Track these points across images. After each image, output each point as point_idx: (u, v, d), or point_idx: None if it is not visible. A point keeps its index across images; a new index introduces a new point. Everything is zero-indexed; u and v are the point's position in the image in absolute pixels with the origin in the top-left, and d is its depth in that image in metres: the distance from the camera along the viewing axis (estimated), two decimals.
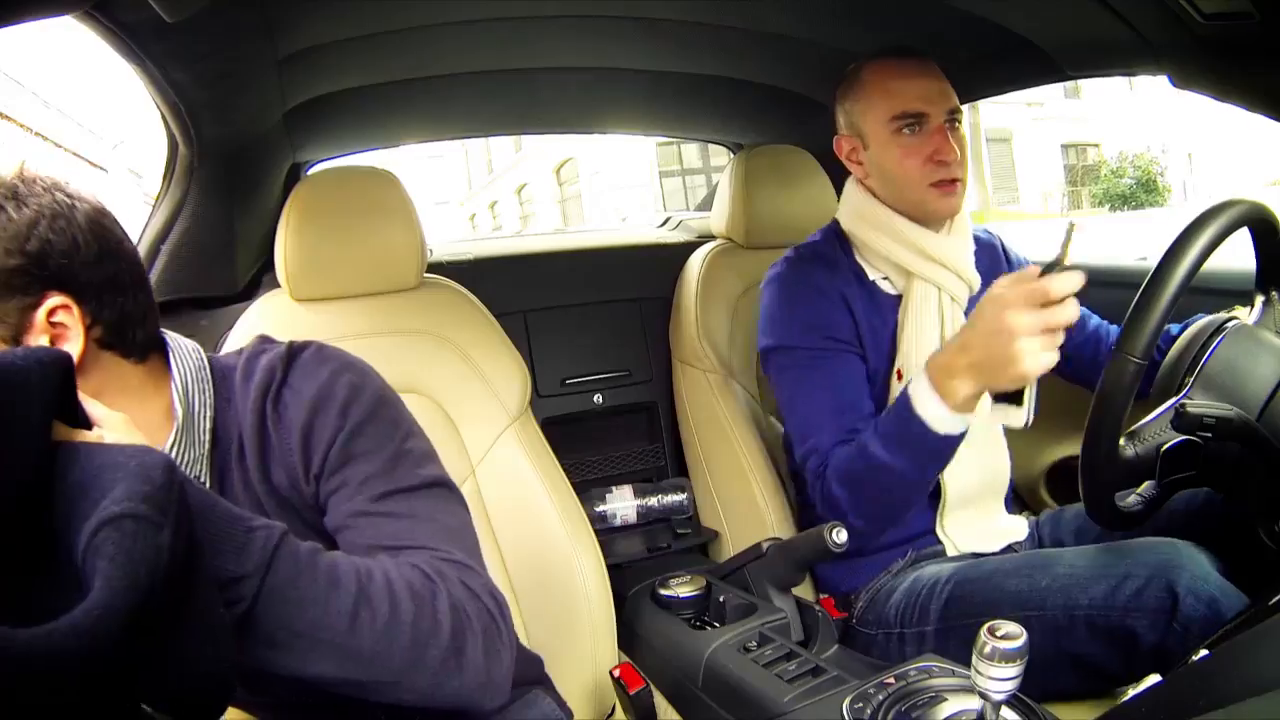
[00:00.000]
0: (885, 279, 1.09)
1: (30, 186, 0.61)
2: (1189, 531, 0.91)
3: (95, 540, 0.35)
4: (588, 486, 1.37)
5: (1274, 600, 0.63)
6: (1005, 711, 0.62)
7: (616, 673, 0.99)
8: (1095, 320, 1.17)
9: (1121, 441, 0.72)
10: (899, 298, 1.07)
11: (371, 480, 0.64)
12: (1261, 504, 0.75)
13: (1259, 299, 0.81)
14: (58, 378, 0.39)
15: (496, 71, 1.27)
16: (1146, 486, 0.77)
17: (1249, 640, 0.51)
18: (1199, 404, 0.71)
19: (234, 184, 1.14)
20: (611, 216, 12.93)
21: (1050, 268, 0.76)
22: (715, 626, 1.04)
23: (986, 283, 1.06)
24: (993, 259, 1.17)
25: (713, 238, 1.46)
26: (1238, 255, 0.84)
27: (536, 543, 1.05)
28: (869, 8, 1.12)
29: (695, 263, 1.39)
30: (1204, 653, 0.59)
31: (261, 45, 0.96)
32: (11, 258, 0.58)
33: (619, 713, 1.04)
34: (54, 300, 0.60)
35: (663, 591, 1.10)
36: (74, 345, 0.61)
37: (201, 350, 0.71)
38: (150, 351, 0.67)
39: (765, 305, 1.10)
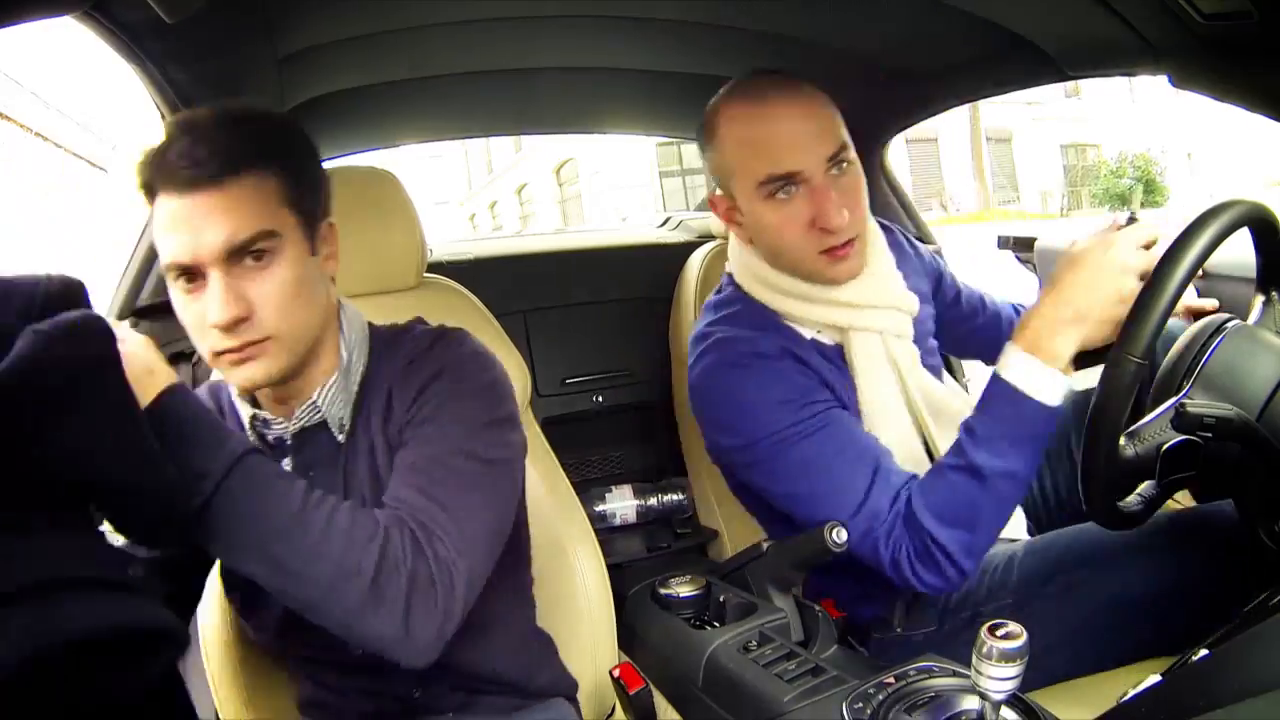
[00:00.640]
0: (819, 333, 0.95)
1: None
2: (1188, 531, 0.91)
3: None
4: (588, 486, 1.37)
5: (1274, 600, 0.63)
6: (1005, 711, 0.62)
7: (616, 673, 0.99)
8: (993, 299, 1.19)
9: (1121, 441, 0.72)
10: (840, 347, 0.95)
11: (445, 437, 0.71)
12: (1261, 504, 0.75)
13: (1259, 299, 0.81)
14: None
15: (496, 71, 1.27)
16: (1146, 486, 0.77)
17: (1249, 640, 0.51)
18: (1199, 404, 0.70)
19: None
20: (611, 216, 12.93)
21: (1130, 222, 0.80)
22: (715, 626, 1.04)
23: (912, 285, 0.99)
24: (900, 254, 1.03)
25: (713, 238, 1.46)
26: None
27: (536, 542, 1.04)
28: (869, 8, 1.12)
29: (695, 263, 1.39)
30: (1204, 653, 0.59)
31: (261, 45, 0.96)
32: (320, 182, 0.75)
33: (619, 713, 1.04)
34: (326, 220, 0.75)
35: (663, 591, 1.10)
36: (335, 258, 0.76)
37: (363, 316, 0.81)
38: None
39: (714, 402, 0.93)
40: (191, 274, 0.65)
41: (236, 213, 0.64)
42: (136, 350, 0.61)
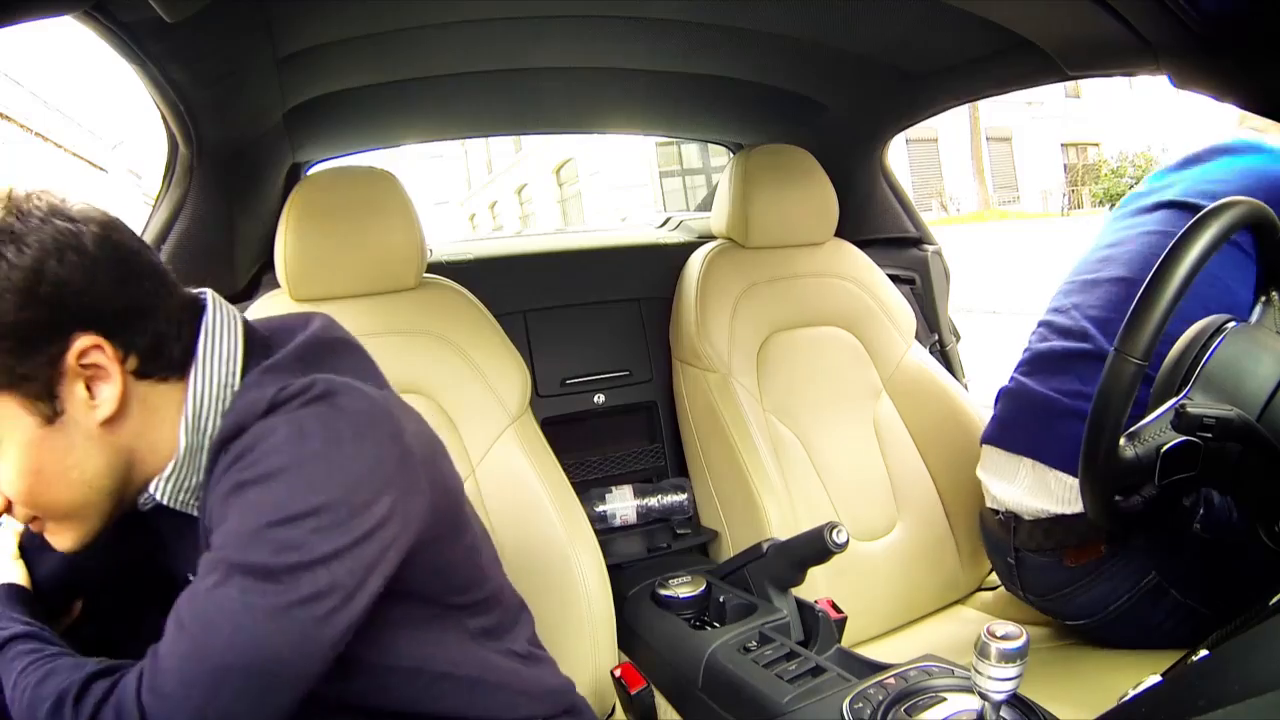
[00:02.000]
0: None
1: (27, 221, 0.54)
2: (1189, 531, 0.91)
3: None
4: (588, 486, 1.37)
5: (1274, 600, 0.63)
6: (1005, 711, 0.62)
7: (618, 672, 1.00)
8: None
9: (1121, 441, 0.72)
10: None
11: (229, 540, 0.55)
12: (1261, 504, 0.75)
13: (1259, 299, 0.81)
14: None
15: (496, 71, 1.27)
16: (1146, 486, 0.77)
17: (1249, 640, 0.51)
18: (1199, 404, 0.71)
19: (234, 184, 1.14)
20: (611, 216, 12.92)
21: None
22: (715, 626, 1.04)
23: None
24: None
25: (713, 238, 1.46)
26: None
27: (536, 543, 1.05)
28: (869, 8, 1.12)
29: (695, 263, 1.39)
30: (1204, 653, 0.59)
31: (261, 45, 0.96)
32: (25, 310, 0.53)
33: (619, 713, 1.04)
34: (82, 341, 0.56)
35: (663, 591, 1.10)
36: (113, 386, 0.57)
37: (238, 358, 0.63)
38: (188, 363, 0.62)
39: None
40: None
41: None
42: None
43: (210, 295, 0.66)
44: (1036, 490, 1.07)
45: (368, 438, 0.58)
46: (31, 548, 0.70)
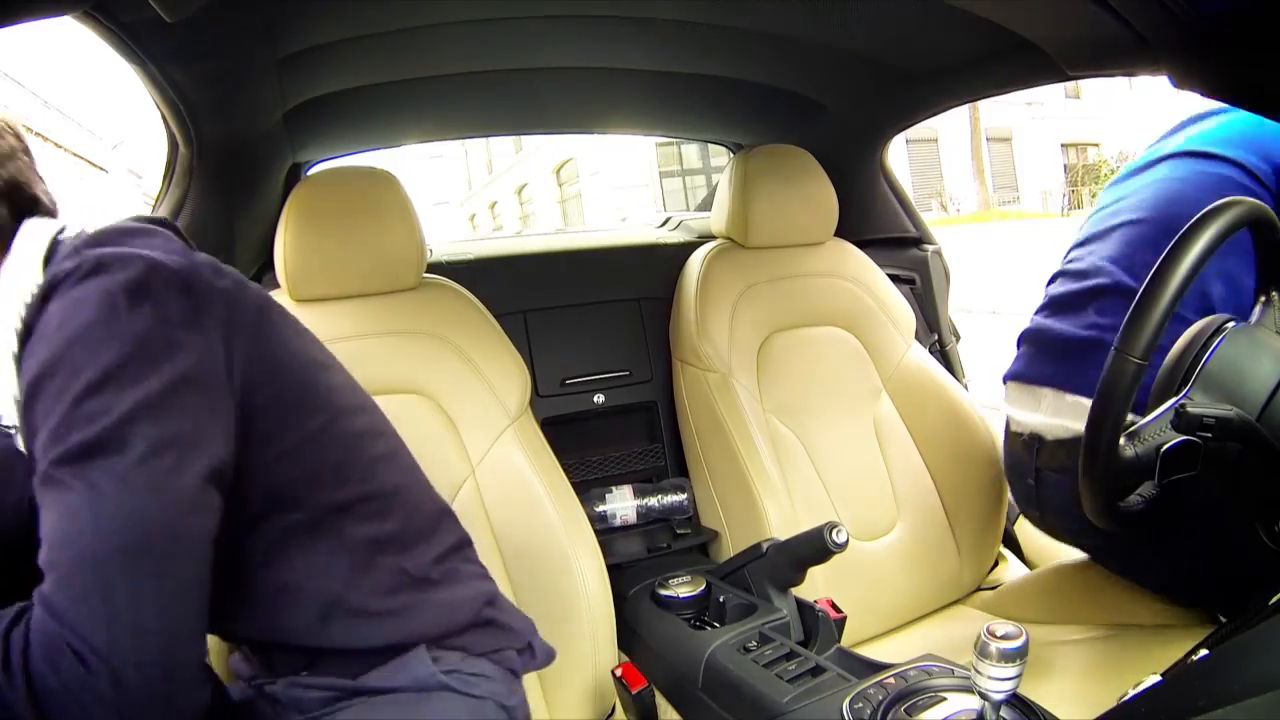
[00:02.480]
0: None
1: None
2: (1189, 531, 0.91)
3: None
4: (588, 486, 1.37)
5: (1274, 600, 0.63)
6: (1005, 711, 0.62)
7: (619, 672, 1.00)
8: None
9: (1121, 441, 0.72)
10: None
11: (47, 441, 0.51)
12: (1261, 504, 0.75)
13: (1259, 299, 0.81)
14: None
15: (497, 71, 1.27)
16: (1146, 486, 0.77)
17: (1249, 640, 0.51)
18: (1199, 404, 0.71)
19: (233, 184, 1.14)
20: (611, 216, 12.93)
21: None
22: (715, 626, 1.04)
23: None
24: None
25: (713, 238, 1.46)
26: None
27: (536, 543, 1.05)
28: (869, 8, 1.12)
29: (695, 263, 1.39)
30: (1204, 653, 0.59)
31: (261, 45, 0.96)
32: None
33: (619, 712, 1.04)
34: None
35: (663, 591, 1.10)
36: None
37: (38, 260, 0.60)
38: None
39: None
40: None
41: None
42: None
43: (34, 218, 0.63)
44: (1059, 410, 1.10)
45: (149, 295, 0.55)
46: None
